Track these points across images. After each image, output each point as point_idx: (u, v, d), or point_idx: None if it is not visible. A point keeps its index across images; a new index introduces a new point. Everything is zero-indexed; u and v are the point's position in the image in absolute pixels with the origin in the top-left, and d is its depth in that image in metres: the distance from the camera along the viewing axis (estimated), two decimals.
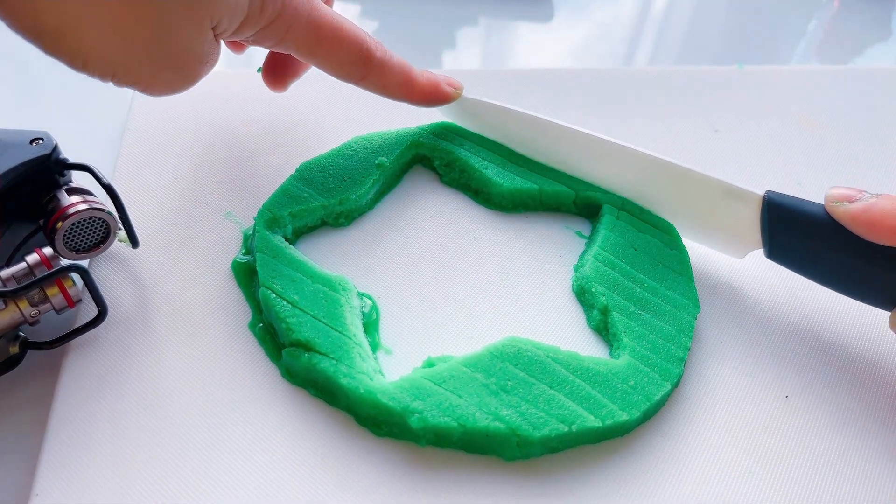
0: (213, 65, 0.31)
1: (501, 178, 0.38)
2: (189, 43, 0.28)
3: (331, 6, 0.38)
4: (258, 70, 0.39)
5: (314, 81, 0.45)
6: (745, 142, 0.45)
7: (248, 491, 0.27)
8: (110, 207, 0.32)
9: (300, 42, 0.31)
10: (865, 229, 0.28)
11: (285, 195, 0.36)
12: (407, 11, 0.57)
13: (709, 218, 0.35)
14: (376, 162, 0.38)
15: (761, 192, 0.32)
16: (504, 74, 0.48)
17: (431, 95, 0.37)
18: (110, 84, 0.31)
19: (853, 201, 0.28)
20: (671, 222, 0.36)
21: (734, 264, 0.37)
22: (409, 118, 0.44)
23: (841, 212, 0.29)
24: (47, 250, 0.30)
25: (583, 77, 0.48)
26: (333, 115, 0.43)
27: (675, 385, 0.31)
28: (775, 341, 0.34)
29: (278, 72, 0.38)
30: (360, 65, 0.33)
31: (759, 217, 0.32)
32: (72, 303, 0.30)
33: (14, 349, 0.30)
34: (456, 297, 0.35)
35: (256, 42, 0.31)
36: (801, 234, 0.31)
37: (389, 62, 0.35)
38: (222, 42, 0.31)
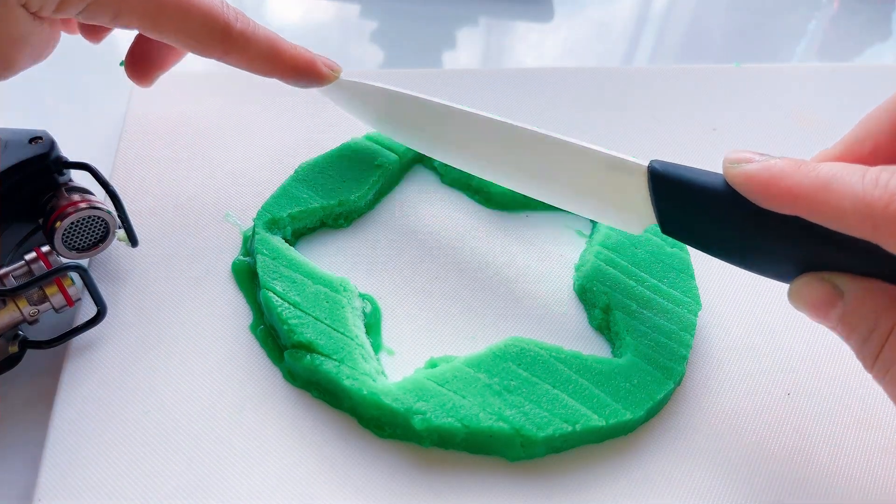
0: (40, 48, 0.28)
1: None
2: None
3: None
4: (121, 63, 0.35)
5: None
6: (744, 140, 0.45)
7: (251, 493, 0.27)
8: (109, 206, 0.32)
9: (140, 15, 0.28)
10: (760, 192, 0.25)
11: (284, 196, 0.36)
12: (407, 11, 0.57)
13: (598, 193, 0.32)
14: (376, 162, 0.38)
15: (645, 164, 0.29)
16: (504, 74, 0.48)
17: (303, 70, 0.34)
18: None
19: (751, 163, 0.25)
20: (560, 200, 0.34)
21: None
22: None
23: (736, 173, 0.25)
24: (46, 249, 0.30)
25: (582, 76, 0.48)
26: (333, 115, 0.43)
27: (678, 383, 0.31)
28: (777, 338, 0.34)
29: (142, 64, 0.35)
30: (218, 38, 0.31)
31: (647, 189, 0.29)
32: (71, 302, 0.29)
33: (13, 348, 0.29)
34: (457, 297, 0.34)
35: (88, 19, 0.28)
36: (690, 206, 0.28)
37: (254, 34, 0.32)
38: (63, 25, 0.29)
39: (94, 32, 0.35)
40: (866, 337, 0.24)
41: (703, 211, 0.27)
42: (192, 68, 0.39)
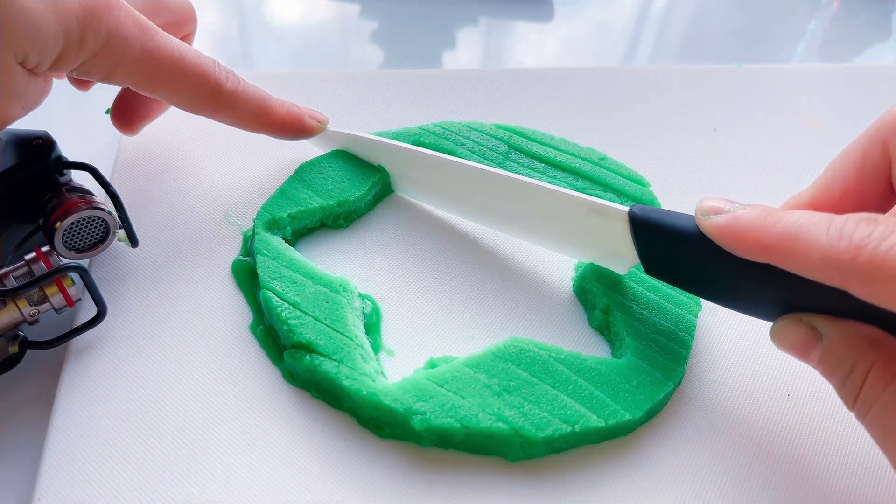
0: (33, 100, 0.28)
1: None
2: None
3: (189, 42, 0.36)
4: (106, 112, 0.36)
5: (314, 81, 0.45)
6: (745, 141, 0.45)
7: (251, 493, 0.27)
8: (109, 207, 0.32)
9: (134, 76, 0.29)
10: (732, 243, 0.25)
11: (284, 196, 0.36)
12: (407, 11, 0.57)
13: (581, 237, 0.33)
14: (376, 163, 0.38)
15: (626, 209, 0.30)
16: (504, 74, 0.48)
17: (291, 127, 0.36)
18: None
19: (722, 213, 0.26)
20: (544, 243, 0.35)
21: None
22: (410, 118, 0.44)
23: (707, 225, 0.26)
24: (46, 249, 0.30)
25: (582, 76, 0.48)
26: (333, 115, 0.43)
27: (678, 384, 0.31)
28: None
29: (128, 113, 0.36)
30: (208, 98, 0.32)
31: (629, 233, 0.30)
32: (71, 302, 0.30)
33: (13, 349, 0.29)
34: (457, 297, 0.34)
35: (83, 75, 0.29)
36: (671, 250, 0.28)
37: (243, 94, 0.33)
38: (53, 76, 0.29)
39: (83, 83, 0.36)
40: (845, 378, 0.25)
41: (682, 255, 0.28)
42: None
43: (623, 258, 0.31)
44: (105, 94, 0.44)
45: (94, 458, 0.27)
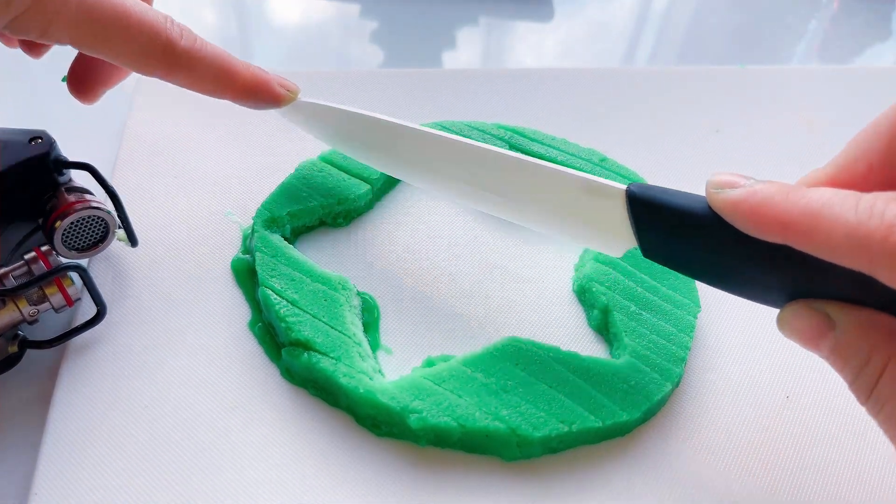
0: None
1: None
2: None
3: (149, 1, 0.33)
4: (63, 79, 0.34)
5: (315, 81, 0.45)
6: (747, 142, 0.45)
7: (248, 491, 0.27)
8: (109, 206, 0.32)
9: (74, 33, 0.27)
10: (748, 220, 0.23)
11: (284, 194, 0.36)
12: (407, 11, 0.57)
13: (576, 217, 0.30)
14: None
15: (623, 186, 0.28)
16: (504, 74, 0.48)
17: (257, 93, 0.32)
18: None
19: (737, 188, 0.24)
20: (537, 224, 0.33)
21: None
22: (410, 118, 0.44)
23: (721, 199, 0.24)
24: (46, 249, 0.30)
25: (583, 77, 0.48)
26: None
27: (676, 385, 0.31)
28: (776, 341, 0.34)
29: (85, 80, 0.33)
30: (159, 56, 0.29)
31: (626, 213, 0.28)
32: (70, 302, 0.30)
33: (13, 348, 0.30)
34: (456, 296, 0.34)
35: (16, 33, 0.26)
36: (671, 230, 0.26)
37: (200, 52, 0.30)
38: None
39: (32, 47, 0.34)
40: (859, 371, 0.23)
41: (684, 236, 0.26)
42: None
43: (618, 240, 0.29)
44: (106, 93, 0.44)
45: (92, 457, 0.28)
